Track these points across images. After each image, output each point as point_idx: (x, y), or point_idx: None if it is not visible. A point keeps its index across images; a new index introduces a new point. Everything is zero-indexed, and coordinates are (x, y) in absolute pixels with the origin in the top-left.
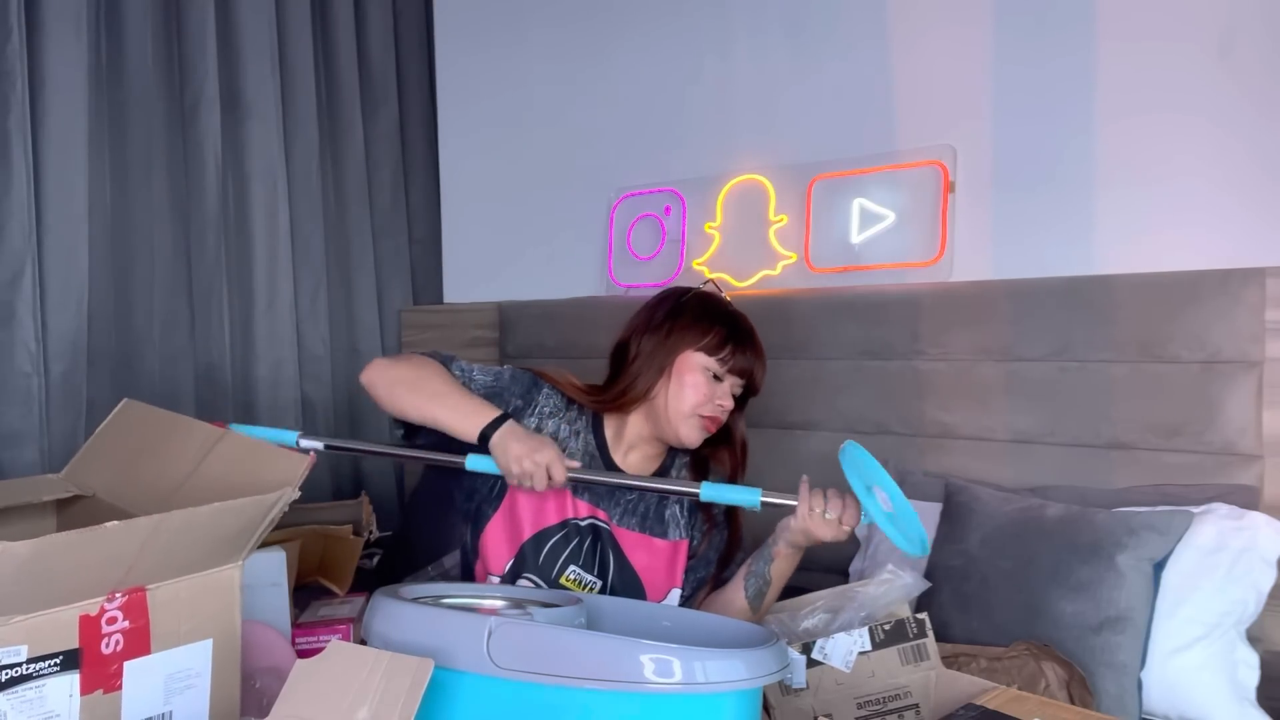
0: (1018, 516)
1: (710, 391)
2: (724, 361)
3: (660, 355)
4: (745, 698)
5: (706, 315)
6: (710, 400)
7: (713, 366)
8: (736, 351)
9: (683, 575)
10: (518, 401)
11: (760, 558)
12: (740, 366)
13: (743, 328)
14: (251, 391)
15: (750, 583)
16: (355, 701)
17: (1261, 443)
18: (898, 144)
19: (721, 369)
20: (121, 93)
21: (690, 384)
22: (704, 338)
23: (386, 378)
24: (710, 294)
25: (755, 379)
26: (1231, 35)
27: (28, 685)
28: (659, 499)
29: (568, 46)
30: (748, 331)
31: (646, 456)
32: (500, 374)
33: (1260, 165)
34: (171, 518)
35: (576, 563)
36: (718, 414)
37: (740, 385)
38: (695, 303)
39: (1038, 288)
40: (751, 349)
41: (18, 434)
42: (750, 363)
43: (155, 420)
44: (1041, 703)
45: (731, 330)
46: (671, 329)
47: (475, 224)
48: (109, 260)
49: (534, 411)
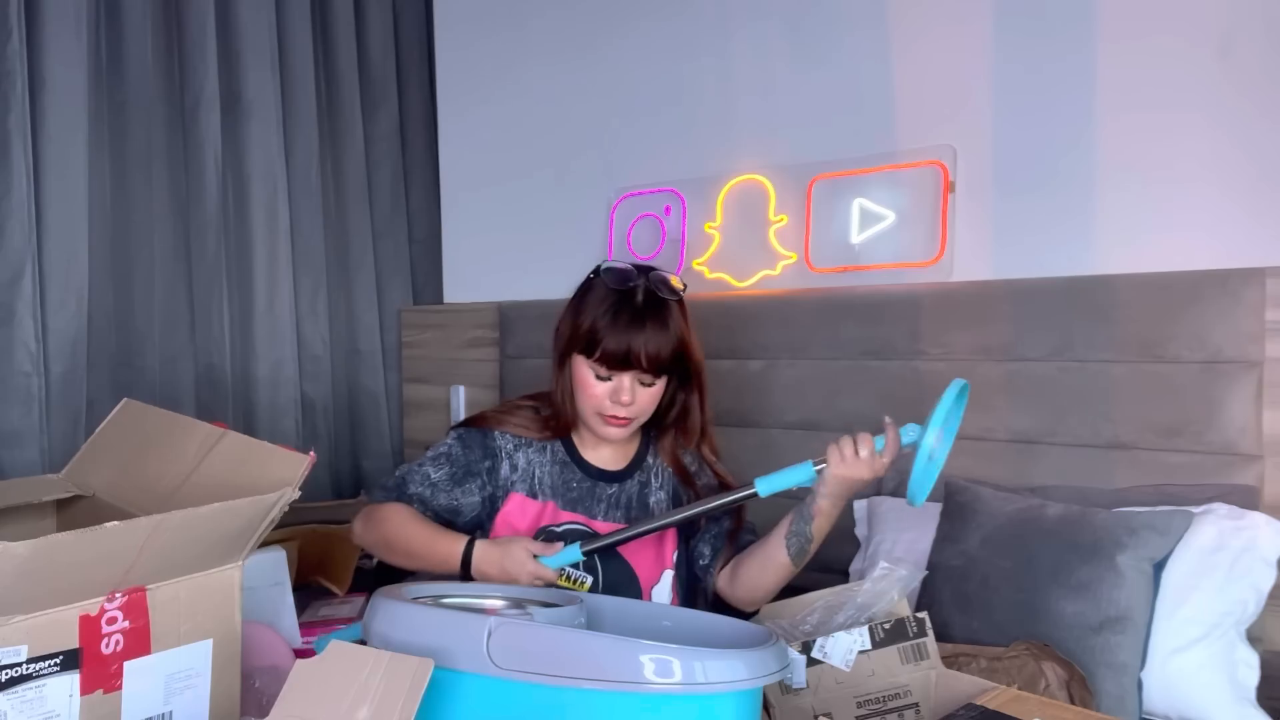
0: (1018, 516)
1: (604, 391)
2: (601, 361)
3: (555, 361)
4: (745, 698)
5: (582, 310)
6: (604, 399)
7: (595, 368)
8: (608, 345)
9: (673, 555)
10: (485, 462)
11: (800, 518)
12: (618, 358)
13: (623, 312)
14: (251, 391)
15: (792, 542)
16: (355, 701)
17: (1261, 443)
18: (898, 144)
19: (603, 370)
20: (121, 93)
21: (582, 386)
22: (581, 338)
23: (370, 542)
24: (591, 280)
25: (640, 362)
26: (1231, 35)
27: (28, 685)
28: (640, 487)
29: (568, 46)
30: (631, 313)
31: (618, 449)
32: (451, 452)
33: (1261, 165)
34: (171, 518)
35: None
36: (618, 412)
37: (637, 375)
38: (578, 297)
39: (1038, 288)
40: (629, 330)
41: (18, 434)
42: (628, 347)
43: (155, 420)
44: (1041, 703)
45: (607, 322)
46: (561, 333)
47: (475, 224)
48: (109, 260)
49: (503, 458)
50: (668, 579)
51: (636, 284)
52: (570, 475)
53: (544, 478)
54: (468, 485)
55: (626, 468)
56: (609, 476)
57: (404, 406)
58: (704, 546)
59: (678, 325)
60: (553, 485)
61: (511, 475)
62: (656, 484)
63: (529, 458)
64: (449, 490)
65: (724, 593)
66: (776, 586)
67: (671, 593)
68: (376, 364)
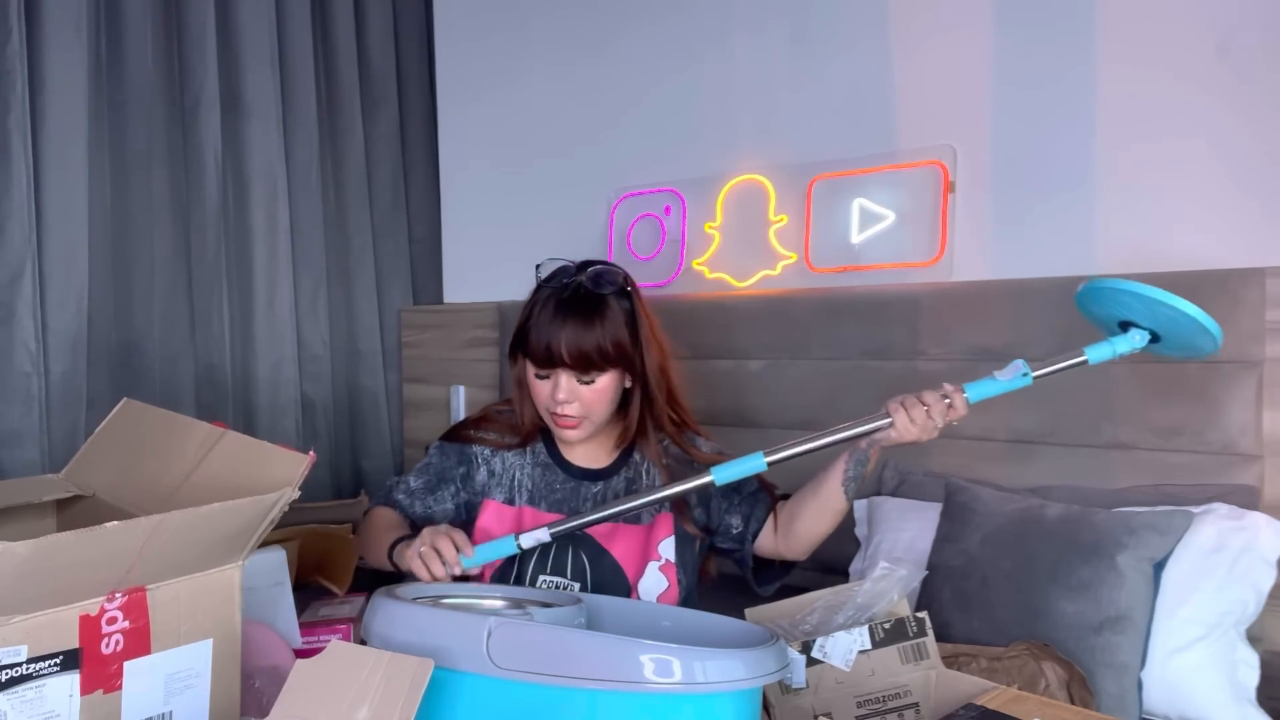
0: (1018, 516)
1: (546, 391)
2: (530, 359)
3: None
4: (745, 697)
5: (525, 310)
6: (549, 399)
7: (532, 367)
8: (531, 342)
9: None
10: (460, 469)
11: (855, 461)
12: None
13: (543, 310)
14: (251, 391)
15: (849, 486)
16: (355, 702)
17: (1261, 443)
18: (898, 144)
19: (538, 369)
20: (121, 93)
21: (528, 385)
22: (517, 337)
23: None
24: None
25: (575, 359)
26: (1231, 35)
27: (28, 685)
28: (626, 485)
29: (568, 46)
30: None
31: (599, 447)
32: (430, 461)
33: (1260, 165)
34: (171, 518)
35: (545, 572)
36: (561, 410)
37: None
38: (530, 297)
39: (1038, 288)
40: (552, 328)
41: (18, 434)
42: (547, 345)
43: (155, 420)
44: (1041, 703)
45: (538, 321)
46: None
47: (475, 224)
48: (109, 260)
49: (479, 464)
50: (651, 569)
51: (570, 280)
52: (553, 476)
53: (524, 481)
54: (440, 493)
55: (611, 465)
56: (593, 475)
57: (404, 406)
58: (731, 518)
59: (614, 321)
60: (534, 488)
61: (489, 481)
62: (647, 480)
63: (508, 461)
64: (424, 498)
65: (772, 551)
66: (831, 529)
67: (668, 582)
68: (376, 364)
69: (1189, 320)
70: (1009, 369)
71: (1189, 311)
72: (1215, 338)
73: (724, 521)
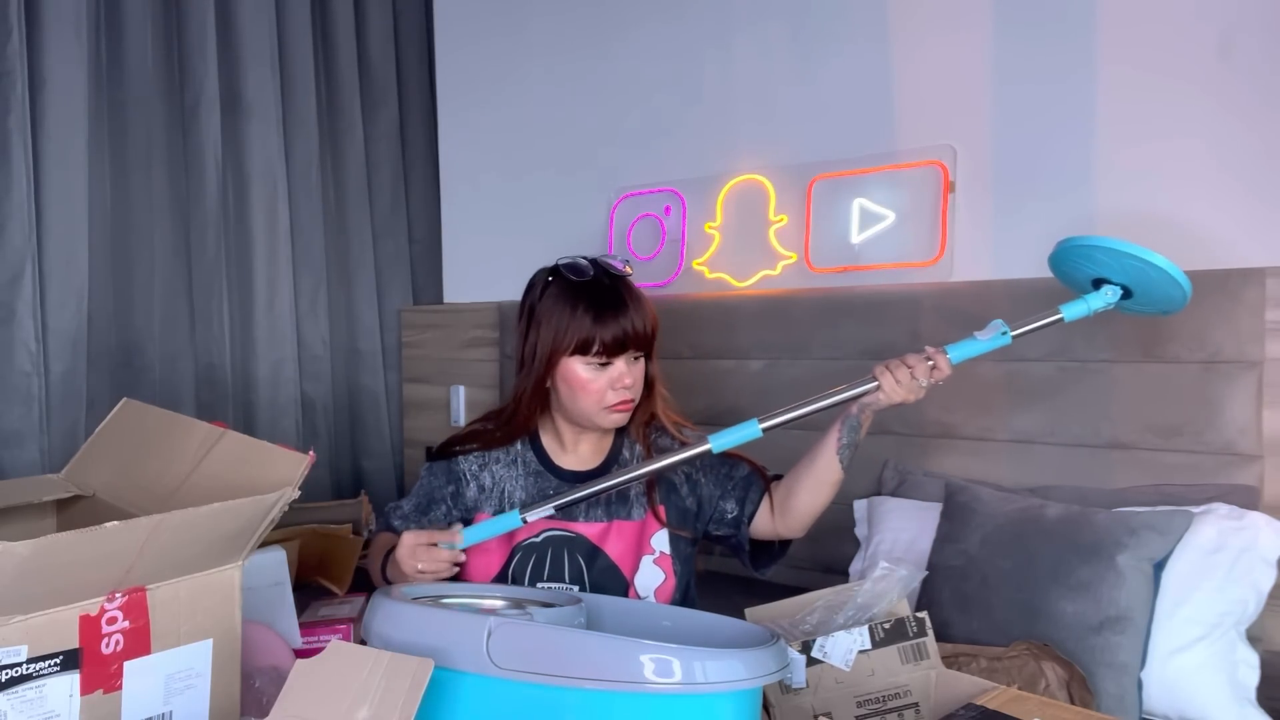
0: (1018, 516)
1: (605, 383)
2: (600, 353)
3: (538, 371)
4: (745, 697)
5: (562, 312)
6: (607, 390)
7: (590, 363)
8: (605, 335)
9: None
10: (449, 488)
11: (848, 429)
12: (616, 344)
13: (602, 300)
14: (251, 391)
15: (844, 454)
16: (355, 701)
17: (1261, 443)
18: (898, 144)
19: (603, 359)
20: (121, 93)
21: (579, 387)
22: (569, 340)
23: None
24: (557, 283)
25: (639, 339)
26: (1231, 35)
27: (28, 685)
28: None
29: (568, 47)
30: (610, 298)
31: (593, 446)
32: (420, 484)
33: (1260, 165)
34: (171, 518)
35: (542, 579)
36: (625, 396)
37: (630, 354)
38: (549, 302)
39: (1038, 288)
40: (617, 314)
41: (18, 434)
42: (623, 330)
43: (155, 420)
44: (1041, 703)
45: (593, 315)
46: (537, 342)
47: (475, 224)
48: (109, 260)
49: (467, 481)
50: (648, 564)
51: (597, 272)
52: (545, 484)
53: (515, 492)
54: (432, 514)
55: (601, 465)
56: (584, 477)
57: (404, 406)
58: (726, 504)
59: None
60: (527, 497)
61: (479, 497)
62: None
63: (496, 475)
64: (417, 519)
65: (770, 531)
66: (829, 501)
67: (664, 574)
68: (376, 364)
69: (1158, 272)
70: (988, 329)
71: (1157, 262)
72: (1185, 290)
73: (718, 508)
